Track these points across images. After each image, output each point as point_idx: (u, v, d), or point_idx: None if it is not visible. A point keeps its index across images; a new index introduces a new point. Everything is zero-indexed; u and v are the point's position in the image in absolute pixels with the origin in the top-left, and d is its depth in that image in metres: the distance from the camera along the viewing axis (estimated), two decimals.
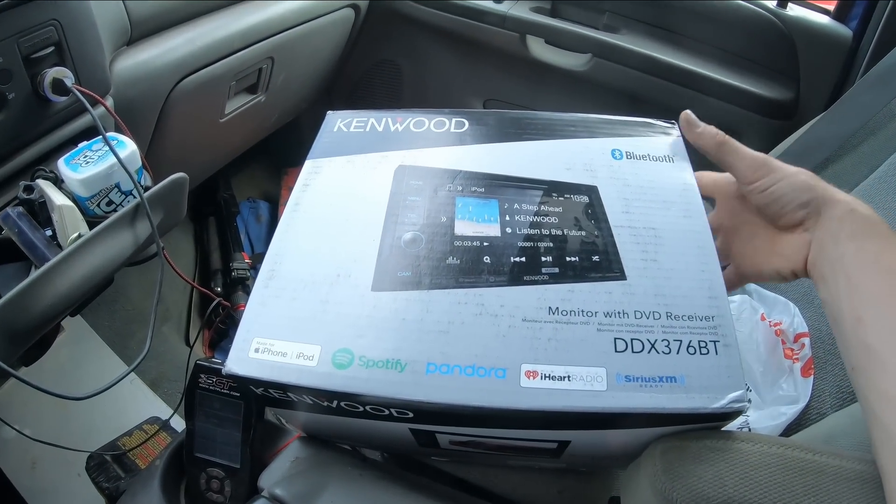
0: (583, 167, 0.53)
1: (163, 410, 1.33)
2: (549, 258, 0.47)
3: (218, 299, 1.01)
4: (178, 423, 1.21)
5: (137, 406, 1.33)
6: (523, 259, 0.47)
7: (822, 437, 0.65)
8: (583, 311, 0.44)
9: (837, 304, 0.44)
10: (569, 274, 0.46)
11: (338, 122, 0.59)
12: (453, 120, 0.58)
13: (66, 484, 1.23)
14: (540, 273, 0.46)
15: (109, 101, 0.91)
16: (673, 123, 0.57)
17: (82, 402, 1.05)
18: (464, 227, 0.49)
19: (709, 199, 0.57)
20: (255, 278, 1.37)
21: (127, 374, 0.75)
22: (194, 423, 0.75)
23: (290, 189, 0.55)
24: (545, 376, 0.41)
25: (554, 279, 0.46)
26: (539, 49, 1.55)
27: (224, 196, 1.82)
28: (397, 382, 0.41)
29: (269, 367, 0.43)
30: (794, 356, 0.83)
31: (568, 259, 0.47)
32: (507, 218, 0.50)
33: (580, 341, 0.42)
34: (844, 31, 1.33)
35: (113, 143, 0.75)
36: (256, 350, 0.44)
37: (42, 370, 1.00)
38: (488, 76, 1.70)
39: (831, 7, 1.40)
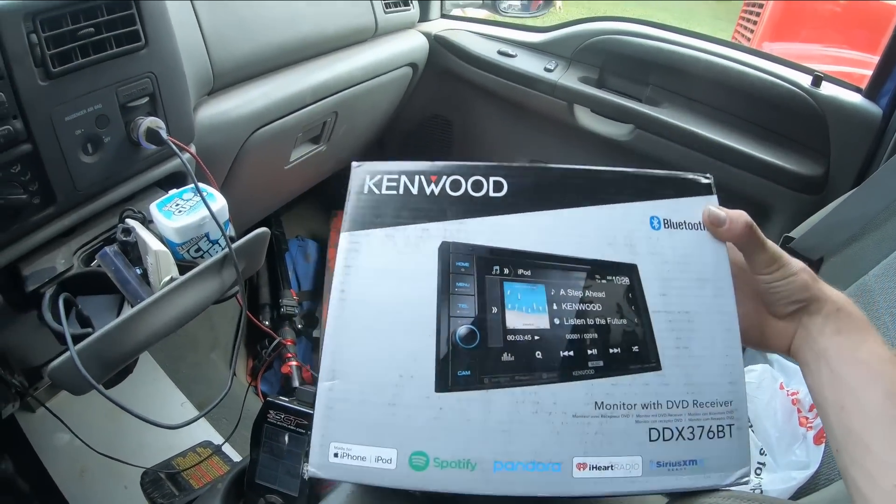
0: (623, 241, 0.54)
1: (210, 433, 1.39)
2: (595, 351, 0.51)
3: (278, 339, 1.09)
4: (230, 450, 1.28)
5: (186, 428, 1.38)
6: (571, 353, 0.51)
7: (826, 502, 0.70)
8: (624, 405, 0.50)
9: (821, 391, 0.50)
10: (612, 367, 0.51)
11: (367, 181, 0.56)
12: (491, 180, 0.56)
13: (112, 495, 1.28)
14: (587, 367, 0.50)
15: (192, 149, 1.00)
16: (709, 178, 0.58)
17: (134, 419, 1.11)
18: (515, 319, 0.51)
19: None
20: (300, 315, 1.44)
21: (209, 411, 0.82)
22: (259, 452, 0.83)
23: (339, 231, 0.57)
24: (593, 467, 0.48)
25: (599, 373, 0.50)
26: (585, 118, 1.62)
27: (275, 233, 1.88)
28: (470, 480, 0.48)
29: (352, 472, 0.48)
30: (808, 424, 0.89)
31: (611, 351, 0.51)
32: (555, 307, 0.52)
33: (622, 433, 0.49)
34: (874, 109, 1.39)
35: (203, 193, 0.82)
36: (336, 455, 0.48)
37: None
38: (535, 138, 1.77)
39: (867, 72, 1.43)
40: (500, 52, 1.71)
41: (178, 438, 1.30)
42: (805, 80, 1.43)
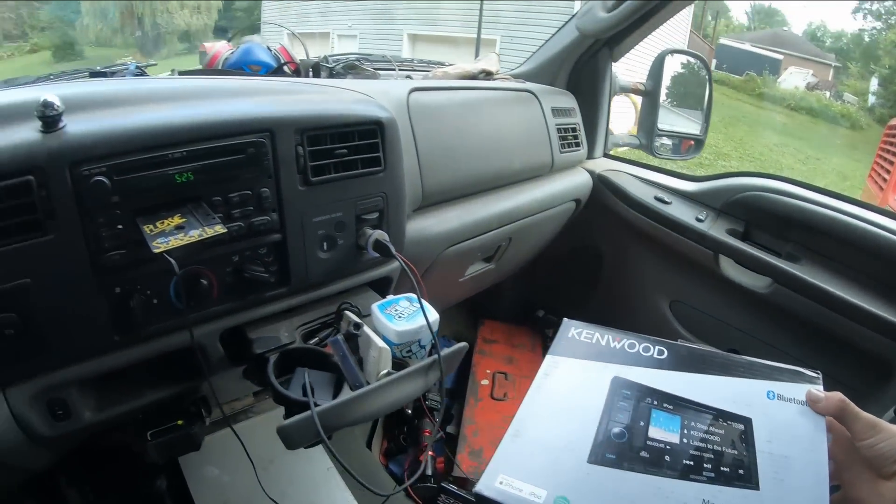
0: (744, 402, 0.72)
1: (349, 500, 1.48)
2: (709, 466, 0.66)
3: (441, 433, 1.21)
4: None
5: (328, 490, 1.50)
6: (691, 463, 0.66)
7: None
8: None
9: None
10: (721, 479, 0.65)
11: (572, 330, 0.83)
12: (656, 348, 0.80)
13: None
14: (701, 474, 0.65)
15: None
16: (818, 373, 0.74)
17: (274, 472, 1.24)
18: (655, 432, 0.70)
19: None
20: (441, 410, 1.57)
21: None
22: None
23: (486, 339, 0.75)
24: None
25: (710, 481, 0.65)
26: (728, 268, 1.69)
27: None
28: None
29: (508, 496, 0.64)
30: None
31: (722, 469, 0.66)
32: (686, 431, 0.70)
33: None
34: None
35: (423, 307, 0.97)
36: (500, 483, 0.65)
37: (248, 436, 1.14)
38: (678, 280, 1.84)
39: None
40: (656, 198, 1.80)
41: (310, 497, 1.44)
42: None
